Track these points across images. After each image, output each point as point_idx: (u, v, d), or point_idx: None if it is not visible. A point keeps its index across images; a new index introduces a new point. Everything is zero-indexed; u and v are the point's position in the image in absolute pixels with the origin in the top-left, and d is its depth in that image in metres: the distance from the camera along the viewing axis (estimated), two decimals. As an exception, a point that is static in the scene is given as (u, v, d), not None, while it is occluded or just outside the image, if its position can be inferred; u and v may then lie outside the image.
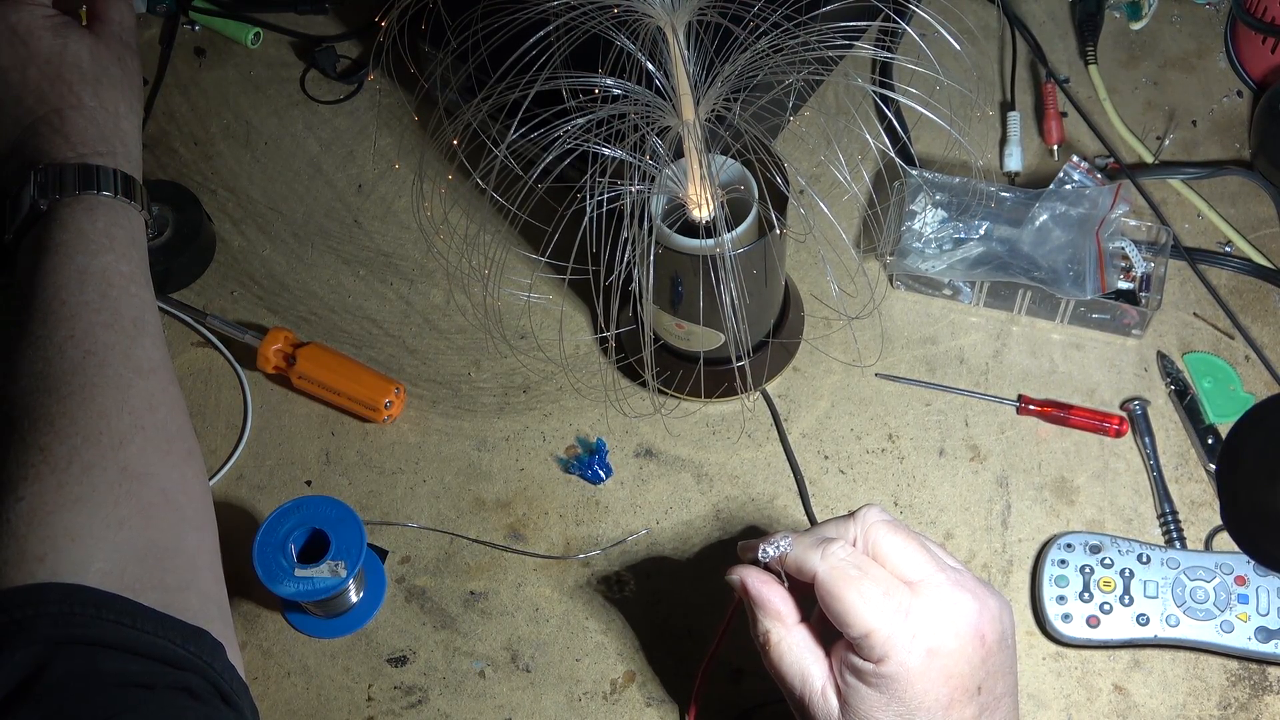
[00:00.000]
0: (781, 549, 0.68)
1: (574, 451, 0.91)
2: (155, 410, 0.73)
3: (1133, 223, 0.93)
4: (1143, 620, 0.82)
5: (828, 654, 0.68)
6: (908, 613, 0.64)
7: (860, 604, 0.64)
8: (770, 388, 0.93)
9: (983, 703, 0.65)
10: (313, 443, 0.92)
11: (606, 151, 0.74)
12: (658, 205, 0.80)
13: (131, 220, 0.80)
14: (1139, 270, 0.92)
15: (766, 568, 0.70)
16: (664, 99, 0.74)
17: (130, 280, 0.77)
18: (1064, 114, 1.02)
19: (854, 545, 0.67)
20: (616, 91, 0.73)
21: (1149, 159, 1.01)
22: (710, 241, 0.78)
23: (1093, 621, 0.82)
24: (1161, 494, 0.88)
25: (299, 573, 0.79)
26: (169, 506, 0.71)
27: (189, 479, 0.74)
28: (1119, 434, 0.89)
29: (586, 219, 0.74)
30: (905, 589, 0.65)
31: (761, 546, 0.69)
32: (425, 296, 0.98)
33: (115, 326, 0.74)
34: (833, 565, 0.66)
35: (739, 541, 0.73)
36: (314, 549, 0.81)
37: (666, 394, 0.91)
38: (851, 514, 0.69)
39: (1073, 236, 0.90)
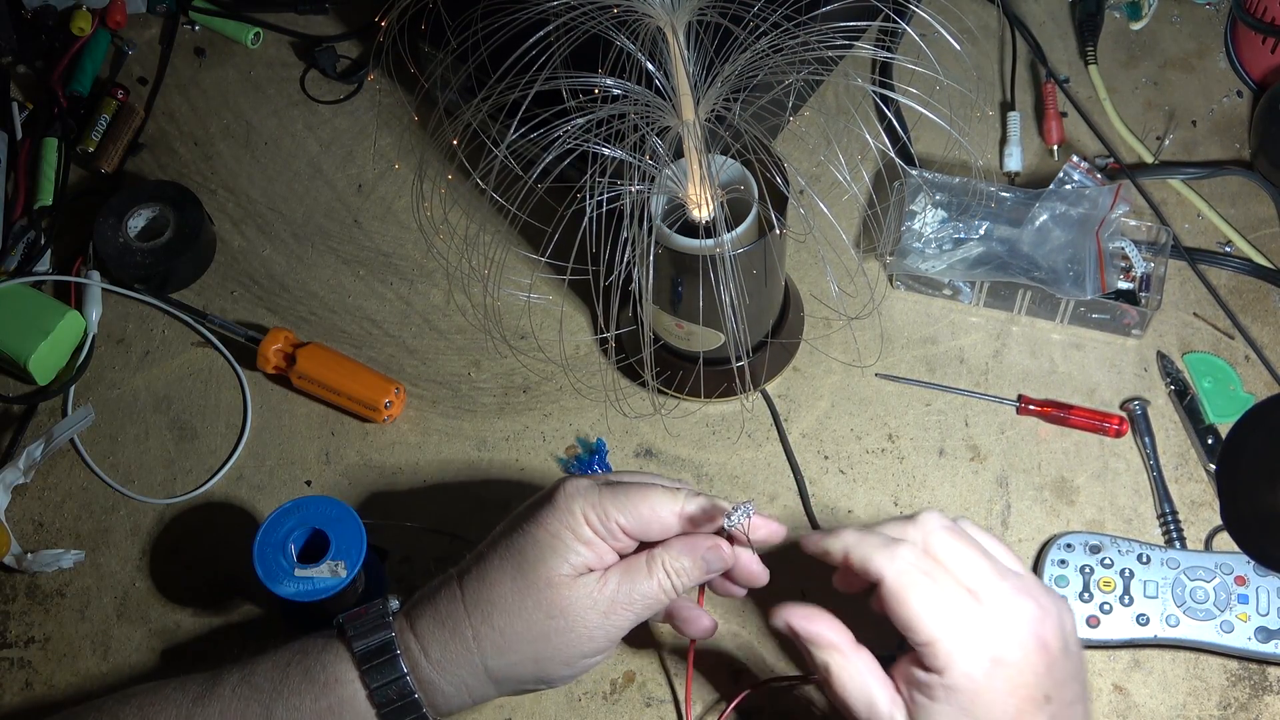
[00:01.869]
0: (746, 513, 0.67)
1: (574, 451, 0.91)
2: None
3: (1133, 223, 0.93)
4: (1143, 620, 0.82)
5: (888, 673, 0.67)
6: (972, 623, 0.63)
7: (926, 611, 0.63)
8: (770, 388, 0.93)
9: (1053, 712, 0.64)
10: (313, 443, 0.92)
11: (606, 151, 0.74)
12: (658, 205, 0.80)
13: None
14: (1139, 270, 0.92)
15: (731, 538, 0.68)
16: (664, 99, 0.74)
17: None
18: (1064, 114, 1.02)
19: None
20: (616, 91, 0.73)
21: (1149, 159, 1.01)
22: (710, 241, 0.78)
23: (1093, 621, 0.82)
24: (1161, 494, 0.87)
25: (299, 573, 0.79)
26: None
27: None
28: (1119, 434, 0.89)
29: (586, 219, 0.74)
30: (970, 598, 0.64)
31: (724, 519, 0.67)
32: (425, 296, 0.98)
33: None
34: (901, 569, 0.64)
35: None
36: (314, 549, 0.80)
37: (666, 394, 0.91)
38: (911, 517, 0.67)
39: (1073, 236, 0.90)
